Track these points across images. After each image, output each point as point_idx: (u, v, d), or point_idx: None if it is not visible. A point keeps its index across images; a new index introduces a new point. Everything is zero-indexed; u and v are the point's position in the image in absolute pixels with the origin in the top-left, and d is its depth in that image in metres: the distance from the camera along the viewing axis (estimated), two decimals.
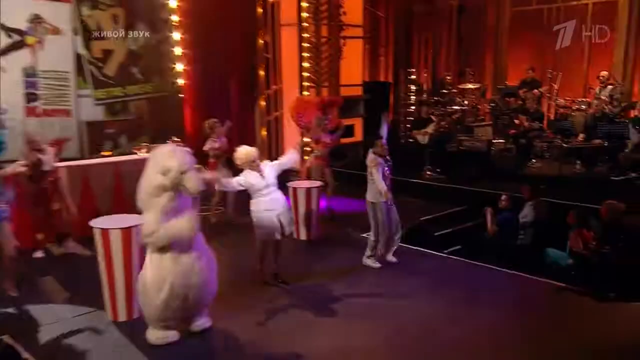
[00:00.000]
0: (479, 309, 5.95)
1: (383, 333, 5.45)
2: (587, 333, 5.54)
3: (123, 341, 5.30)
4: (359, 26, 11.57)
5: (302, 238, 8.09)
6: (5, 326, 5.49)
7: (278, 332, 5.46)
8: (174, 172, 4.82)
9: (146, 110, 13.65)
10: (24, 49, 12.09)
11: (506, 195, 7.85)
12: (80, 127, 12.84)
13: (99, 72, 13.06)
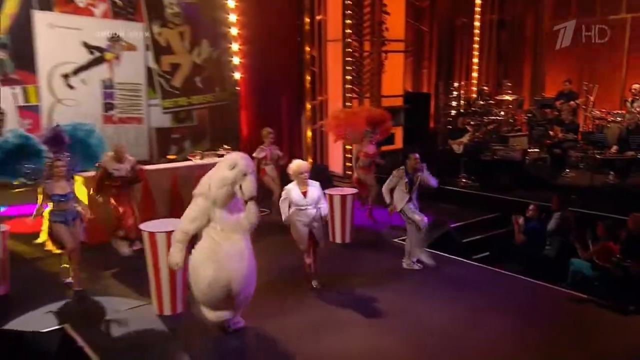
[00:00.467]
0: (499, 317, 5.74)
1: (405, 337, 5.35)
2: (605, 345, 5.26)
3: (165, 334, 5.39)
4: (401, 41, 11.32)
5: (337, 241, 8.01)
6: (68, 316, 5.64)
7: (307, 332, 5.40)
8: (239, 169, 4.85)
9: (207, 118, 13.94)
10: (103, 64, 12.58)
11: (534, 205, 7.51)
12: (150, 133, 13.24)
13: (167, 83, 13.42)
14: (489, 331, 5.42)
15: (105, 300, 6.06)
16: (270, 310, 5.78)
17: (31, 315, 5.66)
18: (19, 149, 5.86)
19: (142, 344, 5.20)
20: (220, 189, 4.89)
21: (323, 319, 5.65)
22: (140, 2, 12.90)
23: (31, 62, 11.74)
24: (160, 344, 5.20)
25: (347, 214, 7.84)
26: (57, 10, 11.96)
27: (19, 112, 11.71)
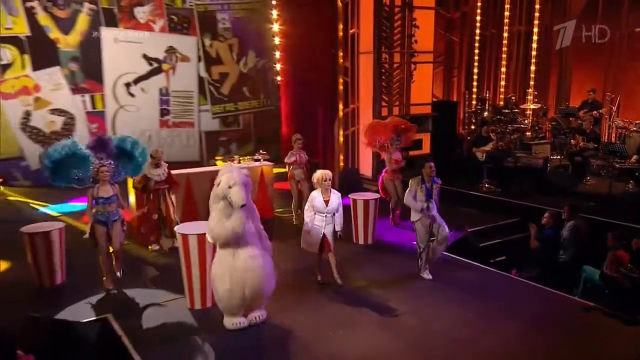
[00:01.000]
0: (508, 323, 5.57)
1: (413, 341, 5.25)
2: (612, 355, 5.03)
3: (194, 327, 5.47)
4: (429, 52, 11.06)
5: (360, 243, 7.92)
6: (110, 306, 5.80)
7: (321, 331, 5.37)
8: (223, 184, 5.09)
9: (252, 122, 14.11)
10: (160, 74, 12.91)
11: (549, 213, 7.18)
12: (201, 136, 13.49)
13: (216, 91, 13.67)
14: (496, 338, 5.26)
15: (144, 292, 6.20)
16: (288, 307, 5.79)
17: (79, 305, 5.85)
18: (68, 157, 6.02)
19: (173, 335, 5.32)
20: (217, 204, 5.16)
21: (337, 319, 5.59)
22: (194, 18, 13.17)
23: (98, 73, 12.19)
24: (189, 336, 5.29)
25: (370, 217, 7.74)
26: (121, 27, 12.35)
27: (87, 117, 12.17)
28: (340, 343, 5.12)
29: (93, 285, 6.24)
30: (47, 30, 11.55)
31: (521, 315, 5.71)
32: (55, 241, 6.23)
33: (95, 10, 12.01)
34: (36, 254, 6.16)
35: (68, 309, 5.72)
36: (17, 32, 11.30)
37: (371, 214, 7.74)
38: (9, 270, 6.73)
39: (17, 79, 11.39)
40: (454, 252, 7.42)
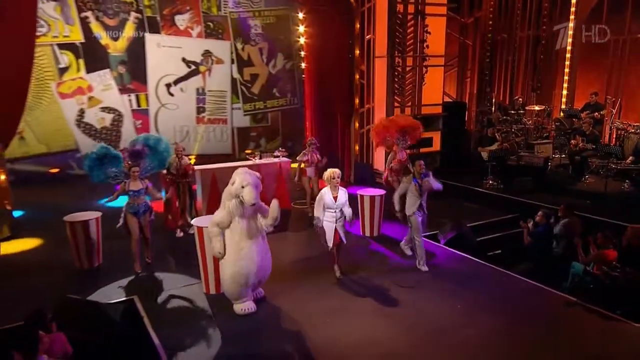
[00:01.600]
0: (494, 314, 5.49)
1: (406, 328, 5.22)
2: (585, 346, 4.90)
3: (207, 310, 5.57)
4: (440, 56, 10.82)
5: (367, 235, 7.89)
6: (137, 289, 5.98)
7: (322, 317, 5.39)
8: (237, 184, 5.22)
9: (279, 119, 14.21)
10: (197, 75, 13.11)
11: (542, 211, 6.98)
12: (233, 131, 13.68)
13: (247, 91, 13.82)
14: (480, 328, 5.20)
15: (167, 277, 6.35)
16: (294, 295, 5.85)
17: (111, 286, 6.05)
18: (102, 157, 6.26)
19: (188, 316, 5.45)
20: (230, 200, 5.26)
21: (338, 307, 5.62)
22: (228, 25, 13.27)
23: (143, 75, 12.47)
24: (202, 318, 5.40)
25: (376, 211, 7.71)
26: (163, 33, 12.57)
27: (132, 114, 12.50)
28: (339, 330, 5.13)
29: (125, 269, 6.44)
30: (98, 37, 11.87)
31: (507, 308, 5.63)
32: (93, 229, 6.47)
33: (141, 18, 12.27)
34: (76, 240, 6.42)
35: (102, 289, 5.93)
36: (74, 39, 11.65)
37: (377, 208, 7.71)
38: (55, 254, 6.98)
39: (73, 80, 11.77)
40: (452, 245, 7.34)
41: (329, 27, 10.93)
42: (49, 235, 7.60)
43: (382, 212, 7.81)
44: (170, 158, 7.05)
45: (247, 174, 5.28)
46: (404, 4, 10.16)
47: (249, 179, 5.21)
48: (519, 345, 4.92)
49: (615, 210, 7.65)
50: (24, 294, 5.75)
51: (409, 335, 5.09)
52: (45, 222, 8.11)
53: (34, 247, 7.44)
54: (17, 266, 6.73)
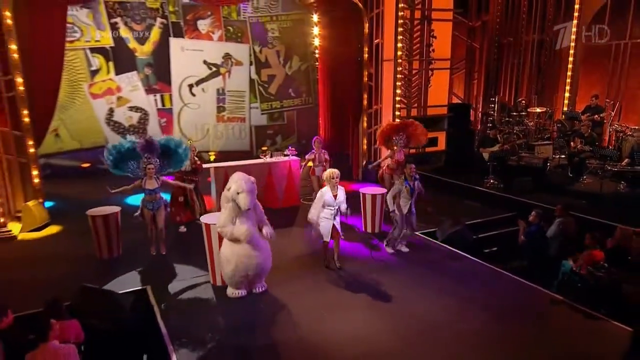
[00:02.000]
0: (483, 310, 5.44)
1: (396, 322, 5.21)
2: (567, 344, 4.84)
3: (212, 299, 5.67)
4: (446, 59, 10.66)
5: (368, 230, 7.89)
6: (151, 278, 6.12)
7: (318, 310, 5.43)
8: (232, 190, 5.30)
9: (295, 118, 14.21)
10: (218, 76, 13.20)
11: (535, 211, 6.86)
12: (251, 129, 13.76)
13: (264, 91, 13.84)
14: (468, 324, 5.16)
15: (178, 268, 6.45)
16: (293, 288, 5.89)
17: (128, 275, 6.21)
18: (128, 152, 6.39)
19: (195, 305, 5.56)
20: (227, 204, 5.35)
21: (333, 301, 5.64)
22: (247, 29, 13.32)
23: (167, 76, 12.60)
24: (207, 307, 5.51)
25: (377, 209, 7.70)
26: (186, 37, 12.68)
27: (157, 113, 12.68)
28: (332, 323, 5.16)
29: (141, 260, 6.60)
30: (126, 41, 12.05)
31: (496, 304, 5.56)
32: (112, 222, 6.65)
33: (166, 23, 12.41)
34: (97, 233, 6.61)
35: (119, 278, 6.08)
36: (104, 43, 11.85)
37: (378, 206, 7.70)
38: (80, 243, 7.16)
39: (103, 82, 11.98)
40: (449, 242, 7.26)
41: (339, 31, 10.91)
42: (75, 226, 7.76)
43: (382, 210, 7.79)
44: (187, 160, 7.08)
45: (242, 181, 5.31)
46: (411, 10, 10.04)
47: (243, 185, 5.26)
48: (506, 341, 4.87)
49: (610, 211, 7.46)
50: (47, 282, 5.96)
51: (397, 329, 5.08)
52: (73, 214, 8.24)
53: (61, 237, 7.67)
54: (44, 254, 6.96)
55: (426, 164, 10.62)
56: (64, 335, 4.19)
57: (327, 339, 4.88)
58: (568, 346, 4.80)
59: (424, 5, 10.14)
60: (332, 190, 6.20)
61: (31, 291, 5.65)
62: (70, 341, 4.19)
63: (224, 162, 8.92)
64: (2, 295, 5.54)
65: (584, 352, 4.70)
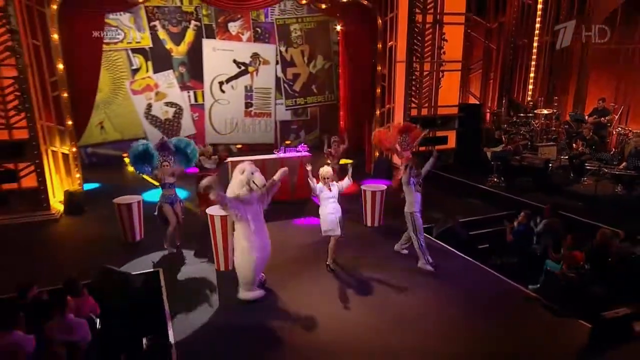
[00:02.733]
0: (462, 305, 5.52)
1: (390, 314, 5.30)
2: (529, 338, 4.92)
3: (214, 283, 5.97)
4: (458, 61, 10.52)
5: (369, 225, 8.02)
6: (164, 262, 6.49)
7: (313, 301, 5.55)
8: (247, 172, 5.37)
9: (318, 114, 14.41)
10: (246, 74, 13.55)
11: (524, 212, 6.84)
12: (276, 124, 14.08)
13: (289, 88, 14.08)
14: (447, 316, 5.27)
15: (189, 254, 6.82)
16: (292, 280, 6.05)
17: (146, 257, 6.63)
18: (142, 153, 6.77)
19: (199, 288, 5.89)
20: (242, 189, 5.33)
21: (328, 292, 5.76)
22: (274, 30, 13.57)
23: (200, 74, 13.05)
24: (211, 291, 5.85)
25: (377, 205, 7.82)
26: (218, 38, 13.06)
27: (191, 108, 13.19)
28: (325, 313, 5.29)
29: (160, 245, 6.94)
30: (164, 42, 12.56)
31: (473, 299, 5.62)
32: (135, 210, 7.12)
33: (199, 26, 12.84)
34: (122, 219, 7.11)
35: (137, 260, 6.53)
36: (144, 44, 12.41)
37: (377, 202, 7.83)
38: (109, 227, 7.64)
39: (142, 79, 12.58)
40: (442, 238, 7.31)
41: (355, 34, 10.97)
42: (108, 211, 8.06)
43: (382, 206, 7.92)
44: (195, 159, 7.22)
45: (252, 165, 5.48)
46: (423, 14, 9.97)
47: (255, 167, 5.46)
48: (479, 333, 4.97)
49: (604, 212, 7.30)
50: (75, 260, 6.52)
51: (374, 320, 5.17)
52: (109, 199, 8.64)
53: (95, 220, 8.20)
54: (79, 235, 7.56)
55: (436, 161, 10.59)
56: (80, 310, 4.66)
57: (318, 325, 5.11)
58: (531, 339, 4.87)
59: (435, 9, 10.03)
60: (326, 187, 6.27)
61: (63, 268, 6.18)
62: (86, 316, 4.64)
63: (239, 157, 9.24)
64: (40, 269, 6.16)
65: (546, 345, 4.76)
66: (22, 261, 6.51)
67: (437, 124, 10.62)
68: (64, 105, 8.50)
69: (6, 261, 6.49)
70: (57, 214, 8.32)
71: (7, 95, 7.65)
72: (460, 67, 10.61)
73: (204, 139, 13.15)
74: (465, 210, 8.43)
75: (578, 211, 7.41)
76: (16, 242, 7.20)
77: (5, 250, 6.92)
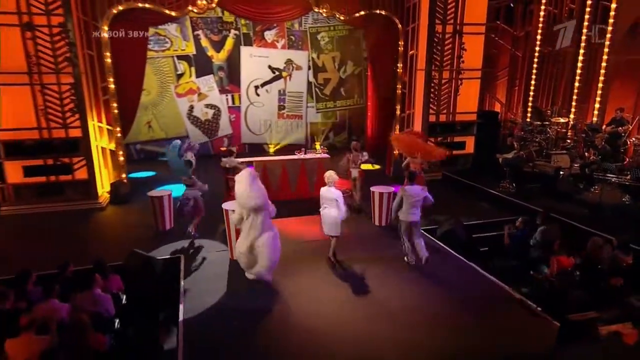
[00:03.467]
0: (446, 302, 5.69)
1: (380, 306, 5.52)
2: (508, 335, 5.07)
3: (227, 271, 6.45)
4: (477, 69, 10.50)
5: (377, 224, 8.29)
6: (187, 249, 7.04)
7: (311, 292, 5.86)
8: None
9: (347, 117, 14.72)
10: (280, 79, 14.09)
11: (522, 218, 6.87)
12: (307, 125, 14.53)
13: (320, 92, 14.49)
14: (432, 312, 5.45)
15: (206, 243, 7.34)
16: (294, 271, 6.43)
17: (173, 244, 7.23)
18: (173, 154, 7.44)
19: (213, 273, 6.39)
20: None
21: (325, 285, 6.07)
22: (307, 37, 14.01)
23: (237, 79, 13.75)
24: (223, 277, 6.31)
25: (384, 205, 8.08)
26: (255, 45, 13.69)
27: (228, 110, 13.93)
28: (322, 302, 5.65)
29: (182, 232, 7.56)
30: (205, 50, 13.35)
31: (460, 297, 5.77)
32: (165, 202, 7.82)
33: (238, 34, 13.51)
34: (154, 209, 7.82)
35: (165, 246, 7.16)
36: (188, 52, 13.24)
37: (385, 203, 8.09)
38: (145, 216, 8.34)
39: (186, 83, 13.45)
40: (443, 239, 7.44)
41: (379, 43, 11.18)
42: (146, 201, 8.86)
43: (390, 206, 8.14)
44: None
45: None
46: (443, 24, 10.05)
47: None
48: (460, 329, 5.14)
49: (606, 221, 7.17)
50: (112, 244, 7.27)
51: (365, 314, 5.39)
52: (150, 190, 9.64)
53: (136, 209, 8.98)
54: (121, 222, 8.37)
55: (453, 165, 10.68)
56: (108, 286, 5.33)
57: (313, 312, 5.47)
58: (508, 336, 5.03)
59: (455, 20, 10.07)
60: (330, 188, 6.60)
61: (101, 250, 6.86)
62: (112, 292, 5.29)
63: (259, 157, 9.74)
64: (82, 250, 6.90)
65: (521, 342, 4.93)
66: (69, 243, 7.35)
67: (456, 130, 10.66)
68: (112, 108, 9.37)
69: (57, 242, 7.36)
70: (104, 202, 9.21)
71: (65, 99, 8.58)
72: (479, 75, 10.57)
73: (240, 139, 13.89)
74: (473, 213, 8.50)
75: (580, 219, 7.32)
76: (67, 226, 8.09)
77: (58, 232, 7.82)
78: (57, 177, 8.87)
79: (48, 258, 6.13)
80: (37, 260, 6.16)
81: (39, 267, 5.53)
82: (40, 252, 6.84)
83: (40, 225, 8.14)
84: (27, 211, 8.61)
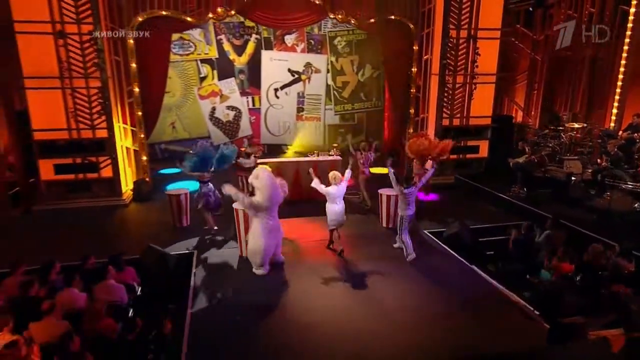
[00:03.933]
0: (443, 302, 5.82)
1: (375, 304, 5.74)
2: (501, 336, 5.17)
3: (236, 267, 6.75)
4: (492, 74, 10.46)
5: (384, 225, 8.45)
6: (201, 245, 7.37)
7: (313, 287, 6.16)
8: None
9: (364, 119, 14.84)
10: (299, 82, 14.34)
11: (526, 223, 6.90)
12: (325, 127, 14.74)
13: (338, 95, 14.68)
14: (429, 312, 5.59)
15: (222, 241, 7.67)
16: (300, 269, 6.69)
17: (189, 241, 7.57)
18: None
19: (223, 269, 6.73)
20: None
21: (327, 280, 6.35)
22: (326, 41, 14.22)
23: (258, 81, 14.09)
24: (232, 272, 6.67)
25: (391, 207, 8.22)
26: (275, 49, 14.00)
27: (249, 112, 14.29)
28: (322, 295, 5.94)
29: (200, 231, 7.90)
30: (228, 53, 13.75)
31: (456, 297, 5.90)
32: (182, 200, 8.19)
33: (259, 39, 13.85)
34: (172, 207, 8.22)
35: (181, 242, 7.51)
36: (211, 55, 13.67)
37: (392, 204, 8.23)
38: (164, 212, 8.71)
39: (209, 86, 13.90)
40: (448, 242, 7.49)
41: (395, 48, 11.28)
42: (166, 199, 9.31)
43: (396, 208, 8.26)
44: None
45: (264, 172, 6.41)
46: (457, 30, 10.07)
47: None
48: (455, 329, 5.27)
49: (615, 227, 7.07)
50: (132, 238, 7.69)
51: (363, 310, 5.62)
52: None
53: (156, 206, 9.35)
54: (142, 218, 8.82)
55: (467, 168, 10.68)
56: (123, 278, 5.71)
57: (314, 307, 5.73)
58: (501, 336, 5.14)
59: (470, 25, 10.07)
60: (335, 185, 7.01)
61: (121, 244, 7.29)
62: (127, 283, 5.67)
63: (275, 158, 10.02)
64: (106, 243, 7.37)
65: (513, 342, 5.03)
66: (94, 236, 7.82)
67: (471, 133, 10.67)
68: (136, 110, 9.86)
69: (83, 236, 7.85)
70: (128, 199, 9.71)
71: (93, 102, 9.11)
72: (494, 80, 10.53)
73: (259, 139, 14.24)
74: (483, 216, 8.53)
75: (587, 225, 7.25)
76: (93, 221, 8.59)
77: (84, 227, 8.31)
78: (85, 175, 9.42)
79: (73, 250, 6.60)
80: (63, 252, 6.62)
81: (64, 259, 5.96)
82: (66, 245, 7.32)
83: (68, 220, 8.66)
84: (57, 206, 9.17)
